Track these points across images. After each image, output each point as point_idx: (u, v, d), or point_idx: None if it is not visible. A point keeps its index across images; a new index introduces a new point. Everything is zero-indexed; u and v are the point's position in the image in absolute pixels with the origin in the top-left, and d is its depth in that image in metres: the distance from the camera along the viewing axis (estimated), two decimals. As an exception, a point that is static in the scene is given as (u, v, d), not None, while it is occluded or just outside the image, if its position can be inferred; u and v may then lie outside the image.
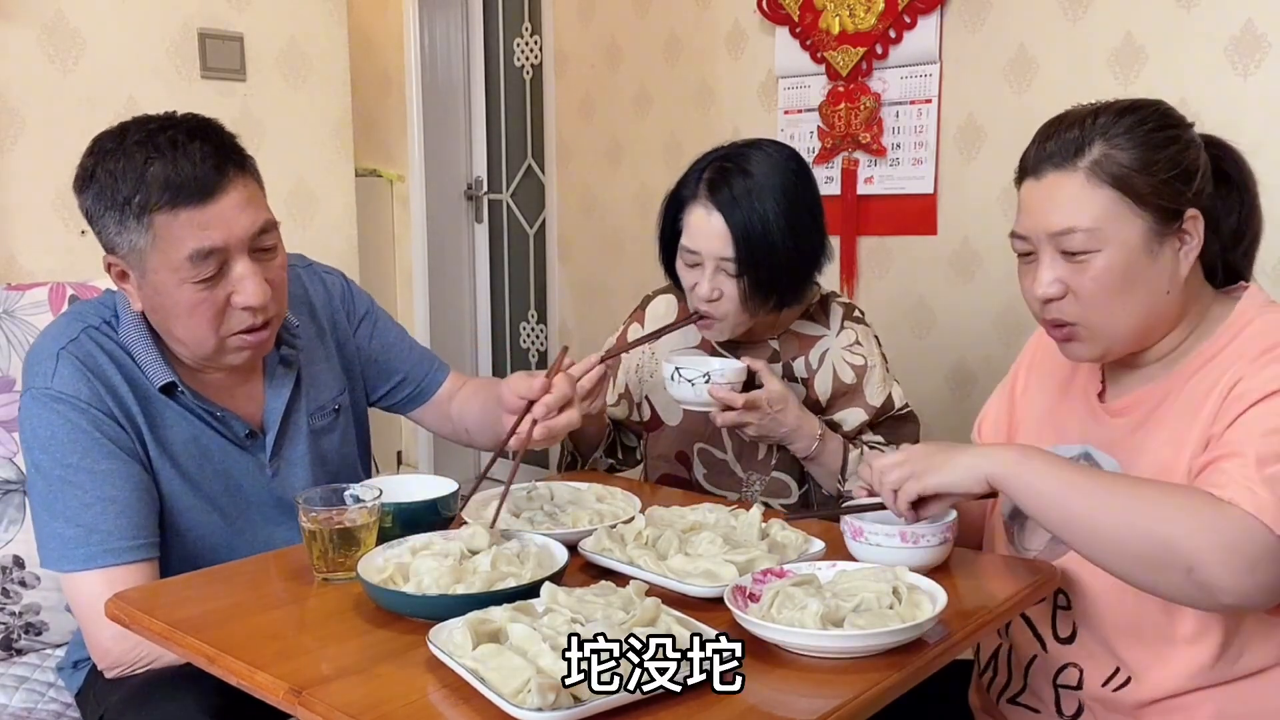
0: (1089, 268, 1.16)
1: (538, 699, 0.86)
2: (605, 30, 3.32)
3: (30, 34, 2.33)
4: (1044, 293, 1.19)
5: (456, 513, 1.36)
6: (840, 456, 1.63)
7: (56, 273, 2.30)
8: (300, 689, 0.94)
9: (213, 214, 1.25)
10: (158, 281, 1.27)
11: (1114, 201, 1.15)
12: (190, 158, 1.25)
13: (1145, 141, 1.16)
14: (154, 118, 1.30)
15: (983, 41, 2.52)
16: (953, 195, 2.62)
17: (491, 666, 0.91)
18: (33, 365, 1.34)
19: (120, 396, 1.33)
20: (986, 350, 2.58)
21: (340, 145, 2.90)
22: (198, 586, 1.23)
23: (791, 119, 2.85)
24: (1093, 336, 1.20)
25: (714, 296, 1.60)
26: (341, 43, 2.87)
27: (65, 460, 1.29)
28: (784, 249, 1.58)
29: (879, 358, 1.73)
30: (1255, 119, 2.16)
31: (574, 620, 0.99)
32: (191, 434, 1.38)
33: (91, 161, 1.28)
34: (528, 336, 4.07)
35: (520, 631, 0.96)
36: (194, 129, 1.28)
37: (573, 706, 0.87)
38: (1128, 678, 1.20)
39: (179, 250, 1.25)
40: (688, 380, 1.57)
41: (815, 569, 1.16)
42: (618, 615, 1.00)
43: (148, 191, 1.24)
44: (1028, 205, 1.22)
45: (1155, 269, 1.17)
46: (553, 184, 3.59)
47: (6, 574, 1.61)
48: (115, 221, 1.26)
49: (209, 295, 1.28)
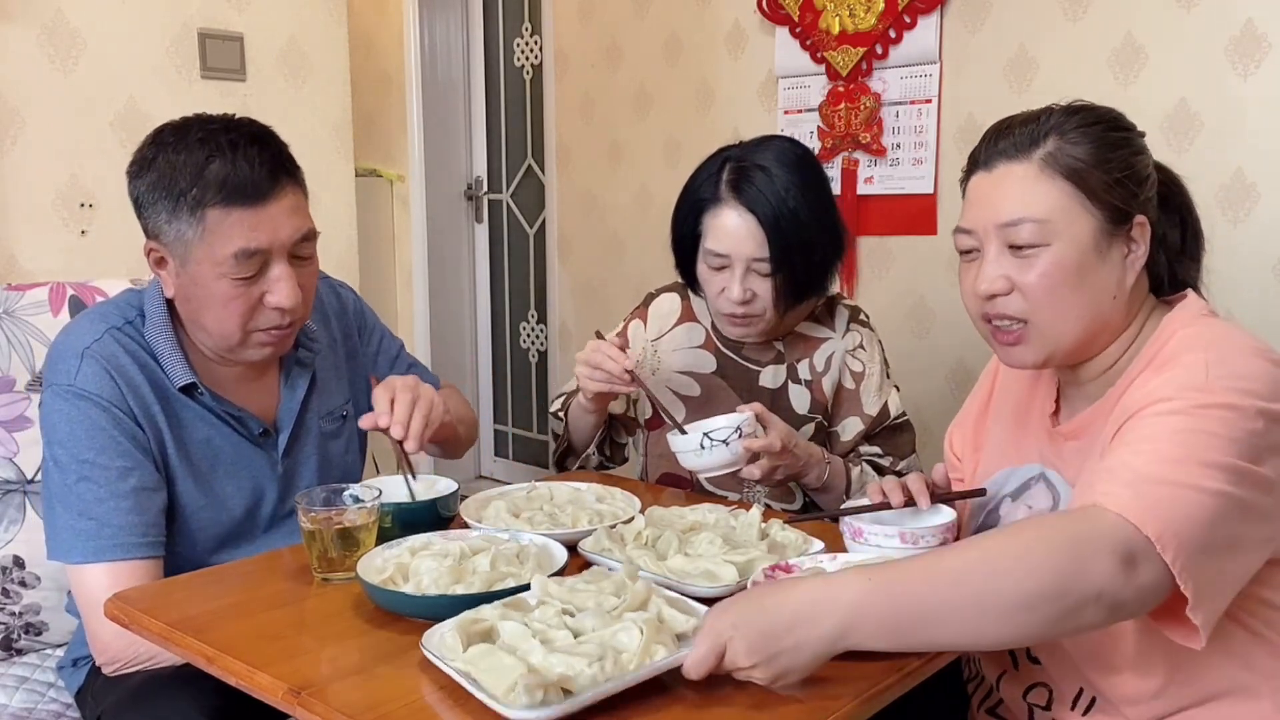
0: (1037, 263, 1.13)
1: (525, 697, 0.86)
2: (605, 30, 3.32)
3: (30, 34, 2.33)
4: (988, 288, 1.15)
5: (456, 513, 1.36)
6: (844, 479, 1.63)
7: (56, 273, 2.30)
8: (299, 689, 0.94)
9: (263, 217, 1.30)
10: (197, 272, 1.31)
11: (1066, 195, 1.13)
12: (250, 161, 1.30)
13: (1099, 139, 1.14)
14: (216, 118, 1.35)
15: (983, 41, 2.52)
16: (953, 195, 2.61)
17: (483, 668, 0.91)
18: (56, 362, 1.37)
19: (141, 395, 1.36)
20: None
21: (340, 145, 2.90)
22: (197, 586, 1.23)
23: (791, 119, 2.85)
24: (1038, 336, 1.16)
25: (747, 299, 1.58)
26: (341, 43, 2.87)
27: (83, 456, 1.31)
28: (816, 243, 1.57)
29: (879, 364, 1.73)
30: (1255, 119, 2.16)
31: (565, 611, 0.99)
32: (206, 434, 1.41)
33: (153, 150, 1.32)
34: (528, 336, 4.07)
35: (511, 629, 0.96)
36: (255, 134, 1.34)
37: (561, 702, 0.87)
38: (1093, 698, 1.18)
39: (226, 247, 1.29)
40: (721, 442, 1.46)
41: (819, 562, 1.17)
42: (610, 602, 1.00)
43: (205, 187, 1.28)
44: (975, 198, 1.19)
45: (1103, 271, 1.14)
46: (553, 184, 3.59)
47: (6, 574, 1.61)
48: (168, 210, 1.30)
49: (244, 291, 1.32)
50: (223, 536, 1.42)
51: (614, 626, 0.95)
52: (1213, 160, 2.20)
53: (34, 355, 1.65)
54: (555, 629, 0.96)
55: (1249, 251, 2.18)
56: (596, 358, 1.56)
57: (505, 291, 4.13)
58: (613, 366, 1.55)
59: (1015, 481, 1.29)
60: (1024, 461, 1.29)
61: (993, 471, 1.34)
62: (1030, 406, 1.32)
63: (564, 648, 0.92)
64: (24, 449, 1.63)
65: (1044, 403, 1.29)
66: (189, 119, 1.35)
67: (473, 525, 1.32)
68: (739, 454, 1.48)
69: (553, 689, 0.87)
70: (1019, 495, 1.27)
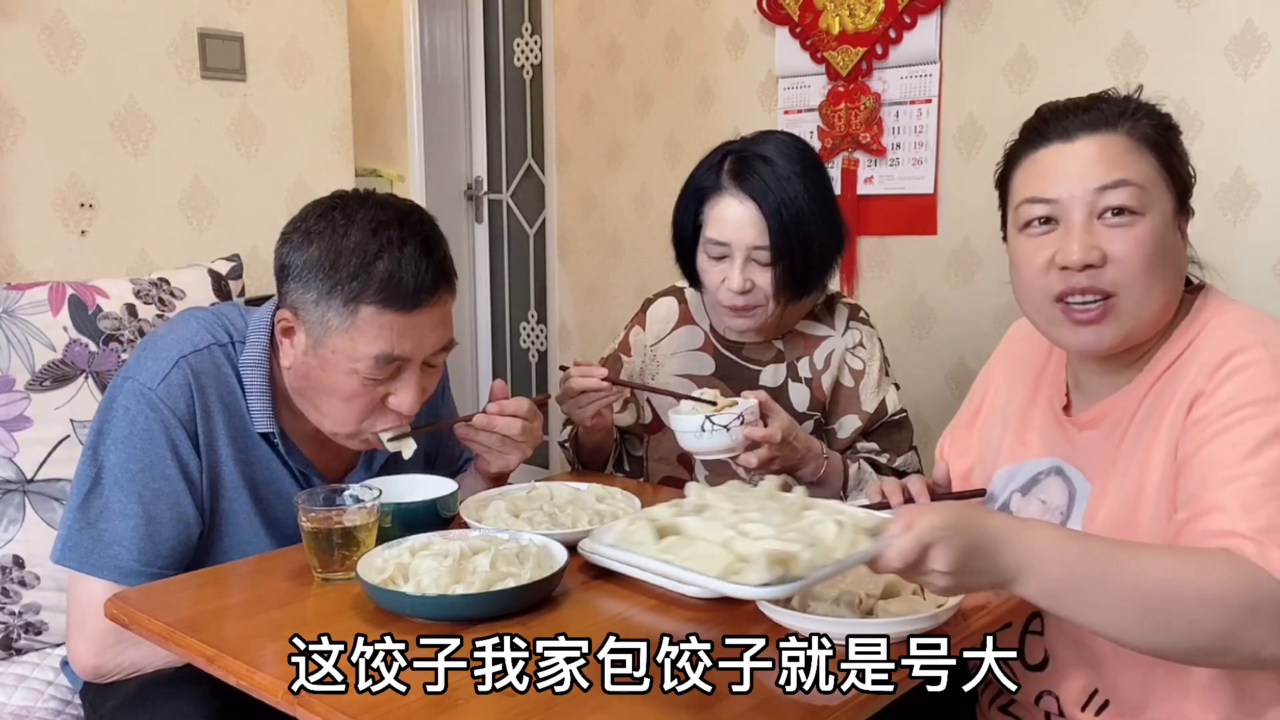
0: (1132, 231, 1.08)
1: (767, 573, 0.81)
2: (605, 30, 3.32)
3: (30, 34, 2.32)
4: (1083, 257, 1.08)
5: (456, 512, 1.36)
6: (841, 474, 1.63)
7: (56, 273, 2.30)
8: (300, 689, 0.94)
9: (413, 324, 1.27)
10: (330, 360, 1.28)
11: (1155, 169, 1.12)
12: (417, 265, 1.25)
13: (1169, 129, 1.16)
14: (388, 204, 1.30)
15: (983, 41, 2.52)
16: (953, 195, 2.62)
17: (685, 555, 0.86)
18: (148, 358, 1.32)
19: (213, 425, 1.33)
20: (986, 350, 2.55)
21: (340, 145, 2.90)
22: (197, 586, 1.23)
23: (791, 119, 2.85)
24: (1123, 313, 1.11)
25: (747, 288, 1.58)
26: (341, 43, 2.87)
27: (128, 464, 1.28)
28: (817, 234, 1.57)
29: (879, 362, 1.73)
30: (1255, 119, 2.16)
31: (737, 511, 0.94)
32: (273, 476, 1.39)
33: (319, 225, 1.27)
34: (528, 336, 4.07)
35: (696, 524, 0.91)
36: (426, 236, 1.29)
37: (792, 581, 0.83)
38: (1105, 701, 1.17)
39: (370, 348, 1.26)
40: (722, 427, 1.47)
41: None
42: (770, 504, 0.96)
43: (368, 281, 1.24)
44: (1055, 166, 1.13)
45: (1177, 253, 1.13)
46: (553, 184, 3.59)
47: (6, 574, 1.61)
48: (320, 292, 1.26)
49: (371, 391, 1.30)
50: None
51: (805, 520, 0.92)
52: (1213, 160, 2.20)
53: (34, 355, 1.65)
54: (744, 524, 0.91)
55: (1249, 251, 2.18)
56: (575, 385, 1.56)
57: (505, 291, 4.13)
58: (590, 382, 1.55)
59: (1023, 476, 1.28)
60: (1027, 457, 1.28)
61: (990, 472, 1.34)
62: (1034, 402, 1.31)
63: (768, 536, 0.88)
64: (24, 449, 1.63)
65: (1052, 396, 1.28)
66: (360, 198, 1.30)
67: (473, 525, 1.31)
68: (738, 440, 1.48)
69: (789, 565, 0.83)
70: (1029, 490, 1.27)
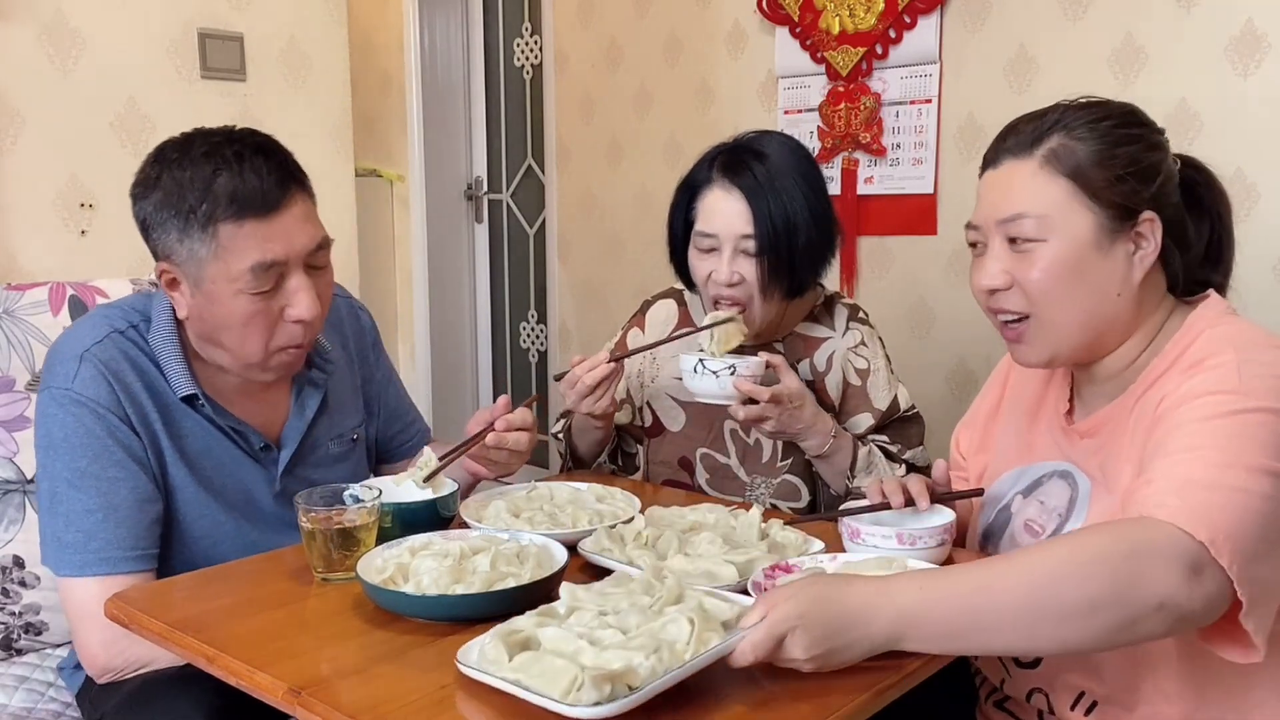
0: (1035, 258, 1.14)
1: (593, 693, 0.84)
2: (605, 30, 3.32)
3: (30, 34, 2.33)
4: (988, 282, 1.17)
5: (456, 512, 1.36)
6: (850, 454, 1.63)
7: (56, 273, 2.30)
8: (300, 689, 0.94)
9: (276, 228, 1.27)
10: (213, 291, 1.28)
11: (1066, 192, 1.14)
12: (257, 171, 1.27)
13: (1105, 136, 1.15)
14: (217, 130, 1.32)
15: (983, 41, 2.52)
16: (953, 195, 2.62)
17: (535, 673, 0.89)
18: (55, 364, 1.34)
19: (140, 404, 1.33)
20: (986, 350, 2.58)
21: (340, 145, 2.90)
22: (197, 586, 1.23)
23: (791, 119, 2.85)
24: (1040, 332, 1.17)
25: (734, 280, 1.59)
26: (341, 43, 2.87)
27: (74, 464, 1.29)
28: (803, 228, 1.58)
29: (883, 360, 1.73)
30: (1255, 119, 2.16)
31: (601, 613, 0.98)
32: (207, 444, 1.39)
33: (156, 168, 1.29)
34: (528, 336, 4.07)
35: (553, 634, 0.94)
36: (259, 144, 1.31)
37: (627, 695, 0.85)
38: (1094, 702, 1.18)
39: (241, 261, 1.26)
40: (711, 372, 1.52)
41: (819, 562, 1.17)
42: (643, 601, 0.99)
43: (214, 201, 1.25)
44: (982, 194, 1.22)
45: (1105, 268, 1.14)
46: (553, 184, 3.59)
47: (6, 574, 1.61)
48: (178, 229, 1.27)
49: (264, 307, 1.29)
50: (229, 543, 1.40)
51: (659, 621, 0.94)
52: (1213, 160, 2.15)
53: (34, 355, 1.65)
54: (599, 629, 0.94)
55: (1249, 251, 2.15)
56: (584, 381, 1.56)
57: (505, 291, 4.13)
58: (602, 371, 1.56)
59: (1027, 479, 1.29)
60: (1034, 460, 1.29)
61: (1001, 472, 1.34)
62: (1042, 405, 1.32)
63: (615, 645, 0.91)
64: (24, 449, 1.63)
65: (1057, 401, 1.29)
66: (189, 133, 1.31)
67: (473, 525, 1.32)
68: (727, 389, 1.52)
69: (618, 682, 0.86)
70: (1031, 491, 1.27)
